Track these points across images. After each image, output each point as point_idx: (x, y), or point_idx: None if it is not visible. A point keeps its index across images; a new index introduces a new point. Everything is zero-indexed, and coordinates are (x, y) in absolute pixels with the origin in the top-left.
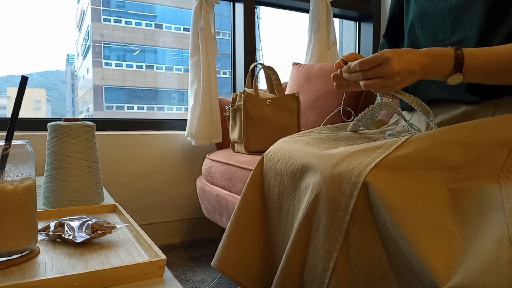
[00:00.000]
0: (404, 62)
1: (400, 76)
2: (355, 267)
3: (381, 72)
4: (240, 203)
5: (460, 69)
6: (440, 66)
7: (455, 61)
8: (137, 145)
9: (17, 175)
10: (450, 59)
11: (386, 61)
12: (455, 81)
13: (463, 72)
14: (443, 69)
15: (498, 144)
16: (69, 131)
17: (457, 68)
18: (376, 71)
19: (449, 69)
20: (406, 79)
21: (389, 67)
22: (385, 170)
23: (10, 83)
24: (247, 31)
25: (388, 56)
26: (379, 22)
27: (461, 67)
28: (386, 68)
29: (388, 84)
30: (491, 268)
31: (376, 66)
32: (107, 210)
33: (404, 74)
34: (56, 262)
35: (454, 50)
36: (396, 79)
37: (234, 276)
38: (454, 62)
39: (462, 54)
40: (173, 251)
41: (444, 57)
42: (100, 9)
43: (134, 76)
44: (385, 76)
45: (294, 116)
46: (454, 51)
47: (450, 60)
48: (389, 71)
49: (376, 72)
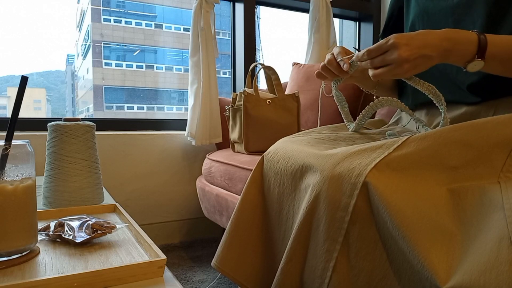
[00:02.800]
0: (415, 47)
1: (409, 63)
2: (355, 267)
3: (388, 59)
4: (240, 203)
5: (483, 55)
6: (461, 51)
7: (478, 47)
8: (137, 145)
9: (17, 175)
10: (473, 44)
11: (392, 47)
12: (475, 68)
13: (484, 58)
14: (464, 55)
15: (498, 144)
16: (69, 131)
17: (480, 53)
18: (383, 58)
19: (471, 55)
20: (420, 65)
21: (395, 54)
22: (385, 170)
23: (10, 83)
24: (247, 31)
25: (394, 42)
26: (379, 22)
27: (484, 53)
28: (393, 55)
29: (397, 72)
30: (491, 268)
31: (383, 54)
32: (107, 210)
33: (415, 60)
34: (56, 262)
35: (477, 34)
36: (405, 66)
37: (234, 276)
38: (477, 47)
39: (485, 39)
40: (173, 251)
41: (466, 42)
42: (100, 9)
43: (134, 76)
44: (392, 63)
45: (294, 116)
46: (477, 35)
47: (473, 45)
48: (396, 58)
49: (382, 59)
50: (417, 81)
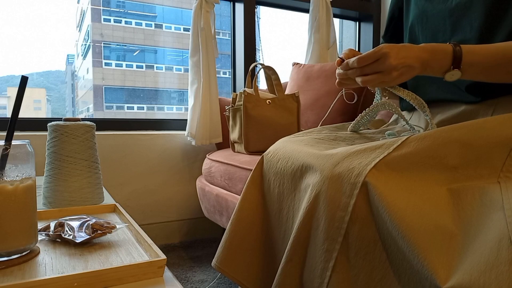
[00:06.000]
0: (402, 57)
1: (397, 71)
2: (354, 267)
3: (379, 67)
4: (240, 203)
5: (458, 65)
6: (438, 61)
7: (453, 57)
8: (137, 145)
9: (17, 175)
10: (448, 55)
11: (384, 56)
12: (453, 78)
13: (461, 68)
14: (441, 65)
15: (498, 144)
16: (69, 131)
17: (455, 64)
18: (374, 66)
19: (447, 65)
20: (404, 74)
21: (386, 62)
22: (384, 170)
23: (10, 83)
24: (247, 31)
25: (386, 51)
26: (379, 22)
27: (459, 63)
28: (384, 64)
29: (385, 80)
30: (491, 268)
31: (374, 62)
32: (107, 210)
33: (401, 69)
34: (56, 262)
35: (452, 46)
36: (394, 74)
37: (234, 276)
38: (452, 58)
39: (460, 50)
40: (173, 251)
41: (442, 52)
42: (100, 9)
43: (134, 76)
44: (383, 71)
45: (294, 116)
46: (452, 47)
47: (448, 56)
48: (387, 66)
49: (374, 67)
50: (398, 89)
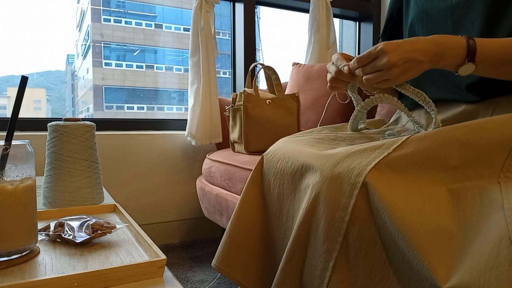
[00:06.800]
0: (403, 52)
1: (399, 68)
2: (354, 267)
3: (377, 65)
4: (240, 203)
5: (473, 58)
6: (451, 55)
7: (467, 50)
8: (137, 145)
9: (17, 175)
10: (463, 48)
11: (381, 53)
12: (467, 71)
13: (475, 61)
14: (455, 59)
15: (498, 144)
16: (69, 131)
17: (470, 57)
18: (373, 65)
19: (462, 58)
20: (409, 69)
21: (384, 59)
22: (384, 170)
23: (10, 83)
24: (247, 31)
25: (382, 48)
26: (379, 22)
27: (474, 56)
28: (382, 61)
29: (388, 77)
30: (491, 268)
31: (373, 60)
32: (107, 210)
33: (404, 65)
34: (56, 262)
35: (466, 39)
36: (395, 71)
37: (234, 276)
38: (466, 51)
39: (474, 43)
40: (173, 251)
41: (456, 46)
42: (100, 9)
43: (134, 76)
44: (382, 69)
45: (294, 116)
46: (466, 40)
47: (463, 49)
48: (385, 63)
49: (373, 66)
50: (407, 88)
